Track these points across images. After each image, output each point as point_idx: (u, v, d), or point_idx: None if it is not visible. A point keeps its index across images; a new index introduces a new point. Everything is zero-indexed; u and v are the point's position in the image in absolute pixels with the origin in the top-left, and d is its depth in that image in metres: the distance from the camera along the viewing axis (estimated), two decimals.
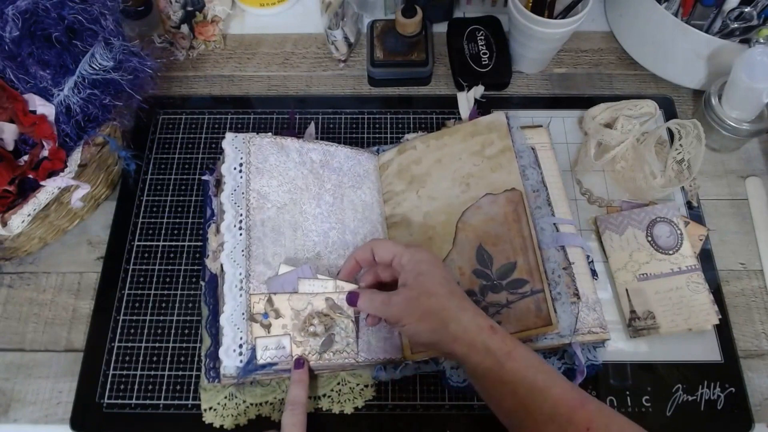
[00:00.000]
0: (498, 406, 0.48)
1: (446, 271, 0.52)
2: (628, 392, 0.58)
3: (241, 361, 0.54)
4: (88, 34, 0.57)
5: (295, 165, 0.63)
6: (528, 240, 0.58)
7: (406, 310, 0.50)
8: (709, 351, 0.60)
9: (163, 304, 0.62)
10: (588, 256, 0.62)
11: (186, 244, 0.66)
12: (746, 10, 0.66)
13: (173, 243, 0.66)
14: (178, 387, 0.59)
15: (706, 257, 0.64)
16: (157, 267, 0.64)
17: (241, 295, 0.56)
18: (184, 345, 0.60)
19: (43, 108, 0.57)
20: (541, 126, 0.69)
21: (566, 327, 0.56)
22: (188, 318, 0.62)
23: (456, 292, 0.50)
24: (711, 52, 0.68)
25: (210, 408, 0.57)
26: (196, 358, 0.60)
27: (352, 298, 0.54)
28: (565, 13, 0.69)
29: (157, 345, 0.60)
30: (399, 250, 0.52)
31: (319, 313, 0.56)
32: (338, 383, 0.58)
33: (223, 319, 0.55)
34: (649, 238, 0.63)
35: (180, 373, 0.59)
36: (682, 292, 0.60)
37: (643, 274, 0.61)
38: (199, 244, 0.65)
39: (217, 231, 0.59)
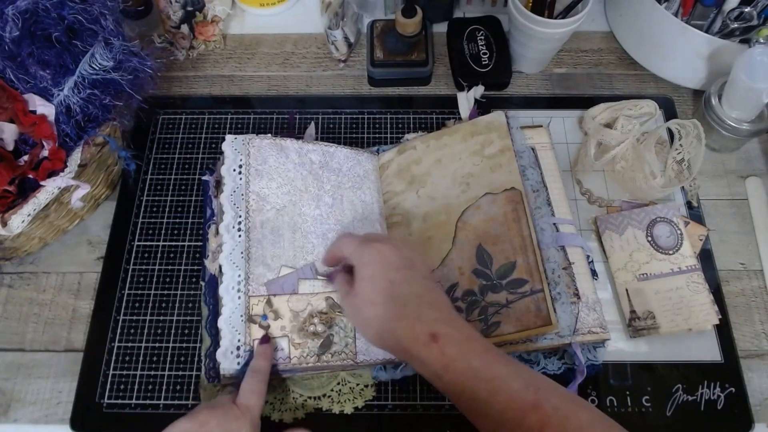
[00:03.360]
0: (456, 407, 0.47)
1: (393, 270, 0.49)
2: (628, 392, 0.58)
3: (238, 363, 0.54)
4: (88, 34, 0.57)
5: (294, 166, 0.63)
6: (528, 240, 0.58)
7: (350, 315, 0.51)
8: (709, 351, 0.60)
9: (163, 304, 0.62)
10: (588, 256, 0.62)
11: (186, 244, 0.66)
12: (746, 10, 0.66)
13: (173, 243, 0.66)
14: (178, 387, 0.59)
15: (706, 257, 0.64)
16: (157, 267, 0.64)
17: (239, 297, 0.56)
18: (184, 345, 0.60)
19: (43, 108, 0.57)
20: (541, 126, 0.69)
21: (566, 327, 0.56)
22: (188, 318, 0.62)
23: (397, 296, 0.47)
24: (711, 52, 0.68)
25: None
26: (196, 358, 0.60)
27: (330, 276, 0.56)
28: (565, 13, 0.69)
29: (157, 345, 0.60)
30: (351, 249, 0.51)
31: (320, 312, 0.56)
32: (338, 383, 0.58)
33: (221, 321, 0.55)
34: (649, 238, 0.63)
35: (180, 373, 0.59)
36: (682, 292, 0.60)
37: (643, 274, 0.61)
38: (199, 244, 0.65)
39: (217, 232, 0.59)
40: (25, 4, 0.54)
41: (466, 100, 0.72)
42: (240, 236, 0.58)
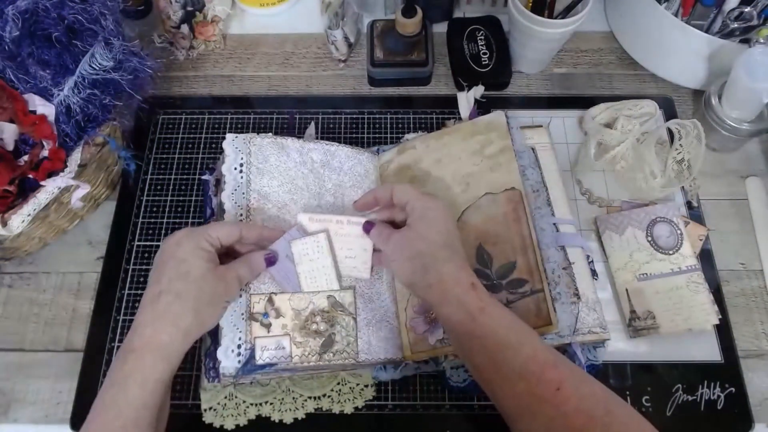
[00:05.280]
0: (469, 361, 0.49)
1: (451, 224, 0.53)
2: (628, 392, 0.58)
3: (239, 362, 0.54)
4: (88, 34, 0.57)
5: (295, 165, 0.63)
6: (528, 240, 0.58)
7: (399, 247, 0.52)
8: (709, 351, 0.60)
9: None
10: (588, 256, 0.62)
11: None
12: (746, 10, 0.66)
13: None
14: (178, 387, 0.59)
15: (706, 257, 0.64)
16: None
17: (240, 296, 0.56)
18: None
19: (43, 108, 0.57)
20: (541, 126, 0.69)
21: (566, 327, 0.56)
22: None
23: (451, 244, 0.52)
24: (711, 52, 0.68)
25: (210, 408, 0.57)
26: (196, 358, 0.60)
27: (367, 227, 0.57)
28: (565, 13, 0.69)
29: None
30: (414, 195, 0.54)
31: (321, 311, 0.56)
32: (338, 383, 0.58)
33: (222, 319, 0.55)
34: (649, 238, 0.63)
35: (180, 373, 0.59)
36: (682, 292, 0.60)
37: (643, 274, 0.61)
38: None
39: None
40: (25, 4, 0.54)
41: (466, 100, 0.72)
42: None
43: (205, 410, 0.57)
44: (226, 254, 0.55)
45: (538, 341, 0.47)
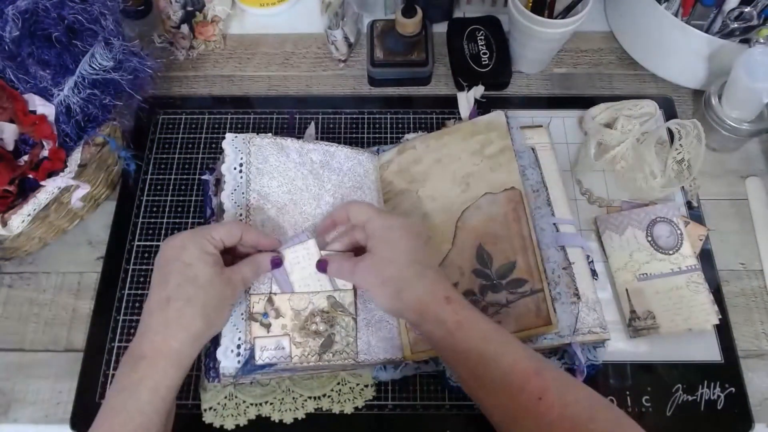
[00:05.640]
0: (456, 374, 0.49)
1: (414, 238, 0.52)
2: (628, 392, 0.58)
3: (239, 362, 0.54)
4: (88, 34, 0.57)
5: (295, 165, 0.63)
6: (528, 239, 0.58)
7: (367, 277, 0.52)
8: (709, 351, 0.60)
9: None
10: (588, 256, 0.62)
11: None
12: (746, 10, 0.66)
13: None
14: None
15: (706, 257, 0.64)
16: None
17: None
18: None
19: (43, 108, 0.57)
20: (541, 126, 0.69)
21: (566, 327, 0.56)
22: None
23: (419, 260, 0.51)
24: (711, 52, 0.68)
25: (210, 408, 0.57)
26: (196, 358, 0.60)
27: (321, 266, 0.56)
28: (565, 13, 0.69)
29: None
30: (372, 214, 0.53)
31: (321, 311, 0.56)
32: (338, 383, 0.58)
33: None
34: (649, 238, 0.63)
35: None
36: (682, 292, 0.60)
37: (643, 274, 0.61)
38: None
39: None
40: (25, 4, 0.54)
41: (466, 100, 0.72)
42: None
43: (205, 410, 0.57)
44: (224, 252, 0.55)
45: (519, 350, 0.46)
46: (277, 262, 0.56)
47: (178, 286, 0.49)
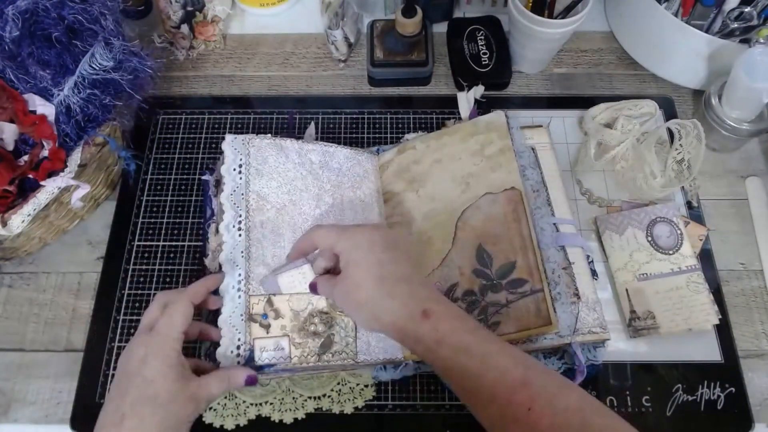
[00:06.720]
0: (448, 385, 0.48)
1: (384, 251, 0.50)
2: (628, 392, 0.58)
3: (239, 363, 0.54)
4: (88, 34, 0.57)
5: (294, 166, 0.63)
6: (528, 239, 0.58)
7: (343, 302, 0.51)
8: (709, 351, 0.60)
9: None
10: (588, 256, 0.62)
11: (186, 244, 0.66)
12: (746, 10, 0.66)
13: (173, 243, 0.66)
14: None
15: (706, 257, 0.64)
16: (157, 267, 0.64)
17: (239, 297, 0.56)
18: (184, 345, 0.60)
19: (43, 108, 0.57)
20: (541, 126, 0.69)
21: (566, 327, 0.56)
22: None
23: (387, 275, 0.48)
24: (711, 52, 0.68)
25: (210, 408, 0.57)
26: (195, 359, 0.60)
27: (312, 288, 0.54)
28: (565, 13, 0.69)
29: None
30: (333, 238, 0.51)
31: (320, 311, 0.56)
32: (338, 383, 0.58)
33: (221, 321, 0.55)
34: (649, 238, 0.63)
35: None
36: (682, 292, 0.60)
37: (643, 274, 0.61)
38: (199, 243, 0.65)
39: (217, 231, 0.59)
40: (25, 4, 0.54)
41: (466, 100, 0.72)
42: (240, 236, 0.58)
43: (205, 410, 0.57)
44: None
45: (503, 360, 0.45)
46: (252, 381, 0.52)
47: (134, 404, 0.46)
